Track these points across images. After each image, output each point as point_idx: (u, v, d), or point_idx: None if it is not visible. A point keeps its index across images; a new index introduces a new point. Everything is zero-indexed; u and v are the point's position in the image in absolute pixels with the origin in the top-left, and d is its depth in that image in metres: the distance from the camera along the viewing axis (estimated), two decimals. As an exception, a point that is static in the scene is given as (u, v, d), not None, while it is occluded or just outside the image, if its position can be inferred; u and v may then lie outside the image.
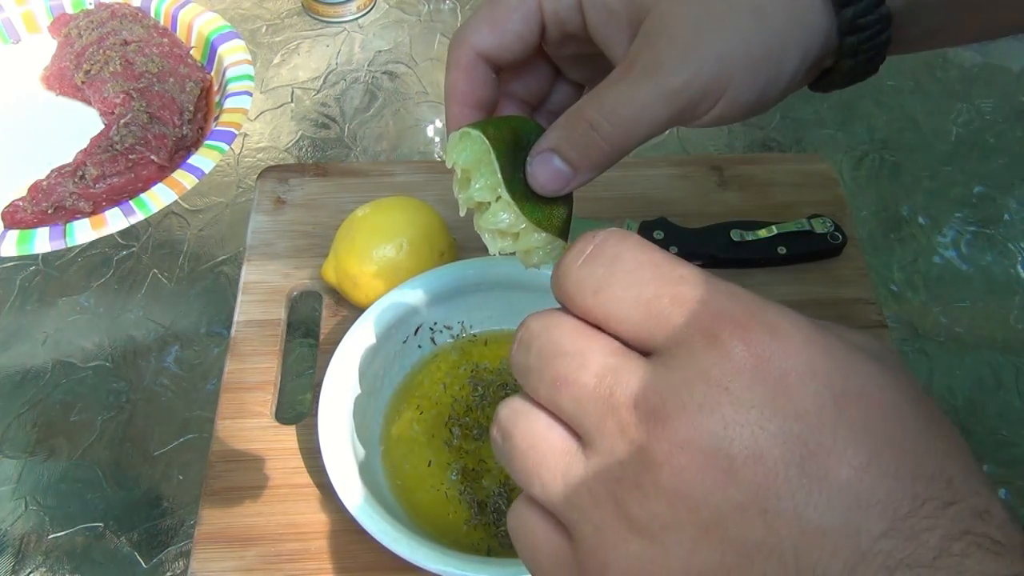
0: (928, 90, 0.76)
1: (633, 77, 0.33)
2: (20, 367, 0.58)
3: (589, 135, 0.34)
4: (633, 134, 0.33)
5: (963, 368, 0.59)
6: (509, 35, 0.36)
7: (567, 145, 0.34)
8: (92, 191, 0.61)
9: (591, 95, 0.34)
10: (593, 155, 0.34)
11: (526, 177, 0.35)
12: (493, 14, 0.36)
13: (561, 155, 0.34)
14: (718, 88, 0.33)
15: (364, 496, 0.44)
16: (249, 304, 0.56)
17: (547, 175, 0.34)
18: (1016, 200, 0.69)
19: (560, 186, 0.35)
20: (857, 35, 0.34)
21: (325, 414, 0.46)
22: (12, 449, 0.54)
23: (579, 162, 0.34)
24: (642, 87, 0.33)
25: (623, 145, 0.34)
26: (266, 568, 0.46)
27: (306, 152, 0.70)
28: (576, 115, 0.34)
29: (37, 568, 0.50)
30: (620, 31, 0.35)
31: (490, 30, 0.36)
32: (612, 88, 0.34)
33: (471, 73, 0.37)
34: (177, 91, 0.66)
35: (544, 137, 0.35)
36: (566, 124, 0.34)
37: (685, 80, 0.32)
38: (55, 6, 0.73)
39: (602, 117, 0.33)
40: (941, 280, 0.63)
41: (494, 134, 0.35)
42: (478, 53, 0.37)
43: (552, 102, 0.41)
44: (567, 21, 0.36)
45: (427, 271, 0.51)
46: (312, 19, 0.81)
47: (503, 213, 0.35)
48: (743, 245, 0.57)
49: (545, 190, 0.35)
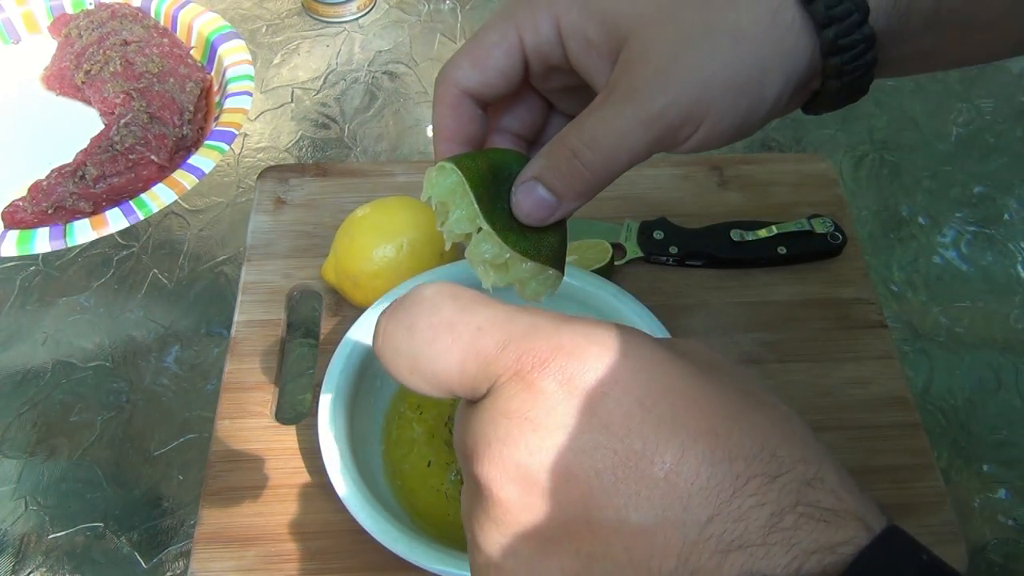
0: (928, 90, 0.76)
1: (612, 104, 0.33)
2: (20, 367, 0.58)
3: (571, 163, 0.34)
4: (615, 161, 0.34)
5: (963, 368, 0.59)
6: (491, 71, 0.36)
7: (550, 174, 0.34)
8: (92, 191, 0.61)
9: (573, 123, 0.34)
10: (576, 183, 0.34)
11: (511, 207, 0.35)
12: (475, 51, 0.37)
13: (544, 184, 0.34)
14: (698, 114, 0.33)
15: (364, 496, 0.44)
16: (249, 304, 0.56)
17: (531, 204, 0.35)
18: (1016, 200, 0.69)
19: (545, 215, 0.35)
20: (840, 56, 0.33)
21: (325, 414, 0.46)
22: (12, 449, 0.54)
23: (563, 191, 0.34)
24: (621, 113, 0.33)
25: (605, 173, 0.34)
26: (266, 568, 0.46)
27: (306, 152, 0.70)
28: (558, 144, 0.34)
29: (37, 568, 0.50)
30: (601, 60, 0.35)
31: (472, 66, 0.36)
32: (591, 116, 0.34)
33: (457, 110, 0.37)
34: (177, 91, 0.66)
35: (528, 166, 0.35)
36: (548, 153, 0.35)
37: (663, 105, 0.32)
38: (55, 6, 0.73)
39: (583, 144, 0.33)
40: (941, 280, 0.63)
41: (468, 165, 0.35)
42: (462, 90, 0.37)
43: (547, 135, 0.41)
44: (549, 54, 0.36)
45: (427, 271, 0.51)
46: (312, 19, 0.81)
47: (485, 243, 0.35)
48: (743, 245, 0.57)
49: (530, 219, 0.35)
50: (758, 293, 0.57)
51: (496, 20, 0.36)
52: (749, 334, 0.55)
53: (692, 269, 0.58)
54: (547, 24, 0.35)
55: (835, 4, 0.32)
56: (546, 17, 0.35)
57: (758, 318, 0.56)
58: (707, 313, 0.56)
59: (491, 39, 0.36)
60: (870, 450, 0.51)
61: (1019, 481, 0.53)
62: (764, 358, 0.54)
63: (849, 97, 0.36)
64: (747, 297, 0.57)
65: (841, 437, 0.51)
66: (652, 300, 0.50)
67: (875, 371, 0.54)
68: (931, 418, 0.56)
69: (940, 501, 0.49)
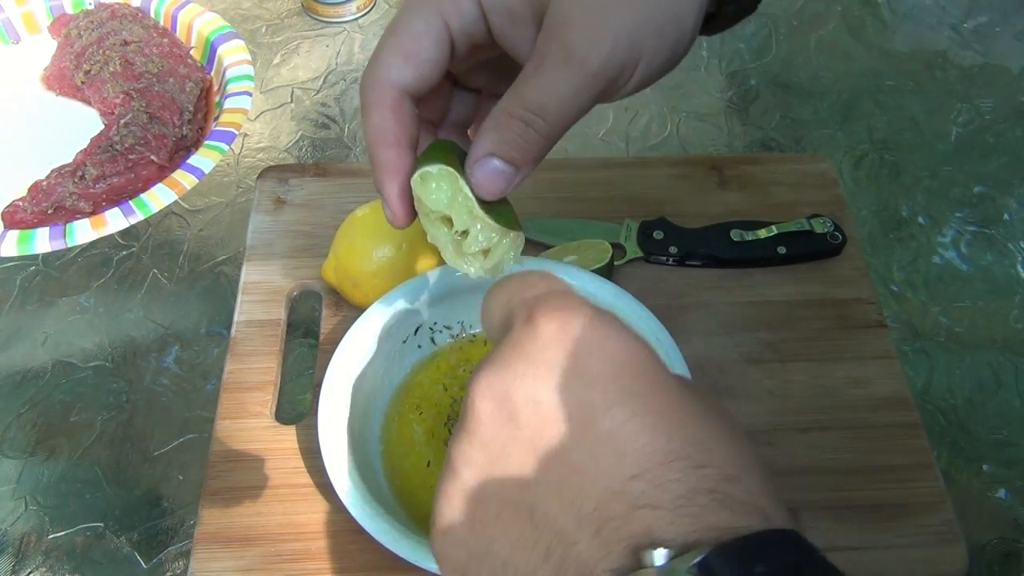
0: (928, 90, 0.76)
1: (550, 68, 0.34)
2: (20, 367, 0.58)
3: (525, 132, 0.34)
4: (565, 121, 0.35)
5: (963, 368, 0.59)
6: (426, 64, 0.36)
7: (504, 147, 0.35)
8: (92, 191, 0.61)
9: (512, 94, 0.35)
10: (531, 150, 0.35)
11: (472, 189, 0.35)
12: (403, 44, 0.36)
13: (500, 157, 0.35)
14: (633, 60, 0.34)
15: (364, 496, 0.44)
16: (249, 304, 0.56)
17: (492, 180, 0.35)
18: (1016, 200, 0.69)
19: (505, 186, 0.36)
20: None
21: (325, 414, 0.46)
22: (12, 449, 0.54)
23: (519, 158, 0.35)
24: (563, 76, 0.34)
25: (557, 134, 0.35)
26: (266, 568, 0.46)
27: (306, 152, 0.70)
28: (504, 116, 0.35)
29: (37, 568, 0.50)
30: (525, 29, 0.35)
31: (405, 62, 0.36)
32: (531, 82, 0.34)
33: (399, 112, 0.36)
34: (177, 91, 0.66)
35: (477, 145, 0.35)
36: (497, 127, 0.35)
37: (602, 61, 0.34)
38: (55, 6, 0.73)
39: (531, 113, 0.34)
40: (941, 280, 0.63)
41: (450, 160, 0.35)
42: (401, 89, 0.36)
43: (454, 114, 0.41)
44: (473, 33, 0.36)
45: (427, 271, 0.51)
46: (312, 19, 0.81)
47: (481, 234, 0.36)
48: (743, 245, 0.57)
49: (493, 194, 0.36)
50: (758, 293, 0.57)
51: (415, 10, 0.36)
52: (749, 334, 0.55)
53: (692, 269, 0.58)
54: (469, 3, 0.35)
55: None
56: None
57: (758, 318, 0.56)
58: (707, 313, 0.56)
59: (417, 29, 0.35)
60: (870, 450, 0.51)
61: (1019, 481, 0.53)
62: (764, 358, 0.54)
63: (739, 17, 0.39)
64: (747, 297, 0.57)
65: (841, 437, 0.51)
66: (652, 300, 0.50)
67: (875, 371, 0.54)
68: (931, 418, 0.56)
69: (940, 501, 0.49)
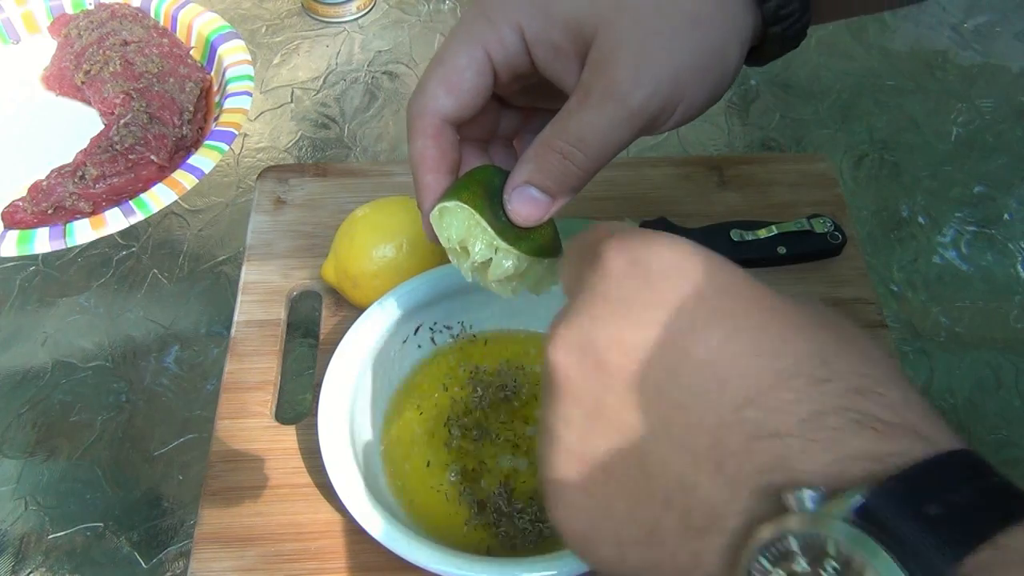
0: (928, 90, 0.76)
1: (593, 104, 0.34)
2: (20, 367, 0.58)
3: (562, 164, 0.35)
4: (603, 156, 0.35)
5: (963, 368, 0.59)
6: (467, 93, 0.37)
7: (541, 176, 0.36)
8: (92, 191, 0.61)
9: (555, 126, 0.36)
10: (568, 181, 0.36)
11: (507, 216, 0.37)
12: (447, 77, 0.37)
13: (537, 186, 0.36)
14: (675, 99, 0.35)
15: (364, 496, 0.44)
16: (249, 304, 0.56)
17: (528, 207, 0.36)
18: (1016, 200, 0.69)
19: (541, 214, 0.37)
20: (781, 24, 0.36)
21: (325, 414, 0.46)
22: (12, 449, 0.54)
23: (556, 189, 0.36)
24: (605, 113, 0.34)
25: (595, 168, 0.36)
26: (266, 568, 0.46)
27: (306, 152, 0.70)
28: (545, 147, 0.36)
29: (37, 568, 0.50)
30: (569, 62, 0.36)
31: (448, 93, 0.37)
32: (574, 117, 0.35)
33: (439, 140, 0.38)
34: (177, 91, 0.66)
35: (516, 173, 0.37)
36: (536, 157, 0.36)
37: (643, 100, 0.34)
38: (55, 6, 0.73)
39: (571, 146, 0.35)
40: (941, 280, 0.63)
41: (467, 197, 0.37)
42: (442, 119, 0.37)
43: (501, 130, 0.42)
44: (517, 65, 0.37)
45: (427, 271, 0.51)
46: (312, 19, 0.81)
47: (506, 261, 0.37)
48: (743, 245, 0.57)
49: (529, 221, 0.37)
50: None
51: (458, 40, 0.37)
52: (749, 334, 0.55)
53: (692, 269, 0.58)
54: (512, 36, 0.36)
55: None
56: (510, 30, 0.36)
57: (758, 318, 0.56)
58: (707, 313, 0.56)
59: (460, 62, 0.37)
60: (870, 450, 0.51)
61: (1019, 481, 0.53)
62: (764, 358, 0.54)
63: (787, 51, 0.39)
64: (747, 297, 0.57)
65: (841, 437, 0.51)
66: (652, 300, 0.49)
67: (875, 371, 0.54)
68: (931, 418, 0.56)
69: (940, 501, 0.49)
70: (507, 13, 0.36)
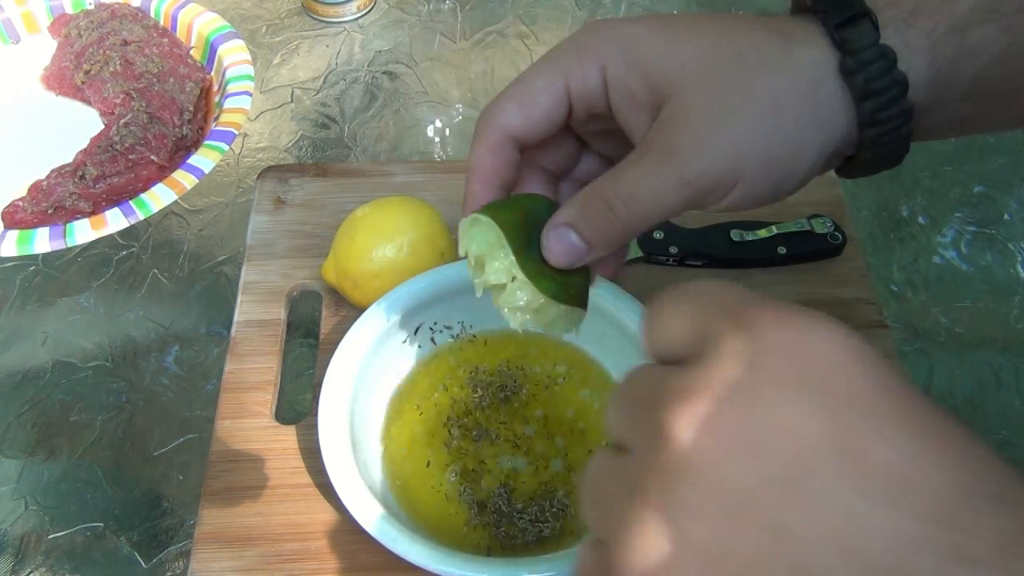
0: (928, 90, 0.76)
1: (649, 162, 0.34)
2: (20, 367, 0.58)
3: (606, 215, 0.34)
4: (647, 217, 0.34)
5: (963, 368, 0.59)
6: (538, 116, 0.37)
7: (583, 222, 0.35)
8: (92, 191, 0.61)
9: (609, 175, 0.35)
10: (608, 234, 0.35)
11: (541, 250, 0.36)
12: (522, 95, 0.37)
13: (577, 231, 0.35)
14: (732, 180, 0.33)
15: (364, 496, 0.44)
16: (249, 304, 0.56)
17: (562, 249, 0.35)
18: (1016, 200, 0.69)
19: (574, 260, 0.36)
20: (877, 128, 0.34)
21: (325, 414, 0.46)
22: (12, 449, 0.54)
23: (594, 239, 0.35)
24: (658, 174, 0.33)
25: (637, 227, 0.35)
26: (266, 568, 0.46)
27: (306, 152, 0.70)
28: (594, 194, 0.35)
29: (37, 568, 0.50)
30: (642, 114, 0.35)
31: (519, 111, 0.37)
32: (628, 171, 0.34)
33: (497, 153, 0.37)
34: (177, 91, 0.66)
35: (561, 212, 0.36)
36: (584, 202, 0.35)
37: (699, 171, 0.33)
38: (55, 6, 0.73)
39: (619, 199, 0.34)
40: (941, 280, 0.63)
41: (503, 218, 0.36)
42: (506, 133, 0.37)
43: (578, 172, 0.42)
44: (593, 103, 0.36)
45: (427, 271, 0.51)
46: (312, 19, 0.81)
47: (520, 292, 0.36)
48: (743, 245, 0.57)
49: (560, 263, 0.36)
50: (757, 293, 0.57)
51: (544, 65, 0.37)
52: (749, 334, 0.55)
53: (692, 269, 0.58)
54: (594, 74, 0.36)
55: (876, 77, 0.33)
56: (593, 67, 0.35)
57: (758, 318, 0.56)
58: (707, 313, 0.56)
59: (539, 85, 0.36)
60: (870, 450, 0.51)
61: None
62: (764, 358, 0.54)
63: (884, 165, 0.36)
64: (747, 297, 0.57)
65: (841, 437, 0.51)
66: (652, 300, 0.49)
67: (875, 371, 0.54)
68: (931, 418, 0.56)
69: (940, 501, 0.49)
70: (597, 50, 0.35)
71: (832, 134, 0.34)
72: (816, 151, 0.34)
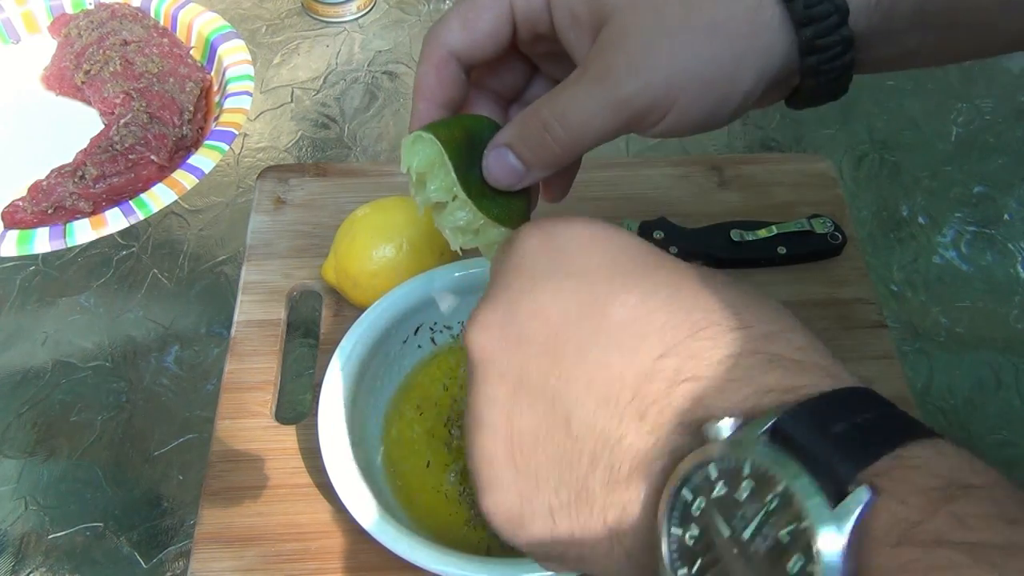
0: (928, 90, 0.76)
1: (586, 83, 0.34)
2: (20, 367, 0.58)
3: (541, 135, 0.35)
4: (582, 139, 0.35)
5: (963, 368, 0.59)
6: (481, 34, 0.37)
7: (521, 143, 0.35)
8: (92, 191, 0.61)
9: (547, 97, 0.35)
10: (545, 155, 0.35)
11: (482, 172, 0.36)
12: (466, 13, 0.37)
13: (515, 152, 0.36)
14: (666, 102, 0.34)
15: (364, 496, 0.44)
16: (249, 304, 0.56)
17: (501, 170, 0.36)
18: (1016, 200, 0.69)
19: (513, 181, 0.36)
20: (817, 55, 0.34)
21: (325, 414, 0.46)
22: (12, 449, 0.54)
23: (531, 160, 0.35)
24: (592, 94, 0.34)
25: (573, 148, 0.35)
26: (266, 568, 0.46)
27: (306, 152, 0.70)
28: (531, 114, 0.35)
29: (37, 568, 0.50)
30: (583, 34, 0.35)
31: (462, 28, 0.37)
32: (565, 92, 0.35)
33: (441, 71, 0.37)
34: (177, 91, 0.66)
35: (500, 133, 0.36)
36: (521, 122, 0.36)
37: (633, 92, 0.33)
38: (55, 6, 0.73)
39: (554, 120, 0.34)
40: (941, 280, 0.63)
41: (446, 135, 0.36)
42: (450, 51, 0.37)
43: (528, 95, 0.42)
44: (537, 22, 0.37)
45: (427, 271, 0.51)
46: (312, 19, 0.81)
47: (460, 211, 0.36)
48: (743, 245, 0.57)
49: (499, 184, 0.36)
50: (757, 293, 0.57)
51: None
52: (749, 334, 0.55)
53: (692, 269, 0.58)
54: None
55: (814, 4, 0.33)
56: None
57: (758, 318, 0.56)
58: (707, 313, 0.56)
59: (483, 3, 0.37)
60: (870, 450, 0.51)
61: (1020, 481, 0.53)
62: (764, 358, 0.54)
63: (828, 95, 0.37)
64: (747, 297, 0.57)
65: (841, 437, 0.51)
66: (652, 300, 0.49)
67: (875, 371, 0.54)
68: (931, 418, 0.56)
69: (940, 501, 0.49)
70: None
71: (771, 60, 0.34)
72: (754, 77, 0.34)
